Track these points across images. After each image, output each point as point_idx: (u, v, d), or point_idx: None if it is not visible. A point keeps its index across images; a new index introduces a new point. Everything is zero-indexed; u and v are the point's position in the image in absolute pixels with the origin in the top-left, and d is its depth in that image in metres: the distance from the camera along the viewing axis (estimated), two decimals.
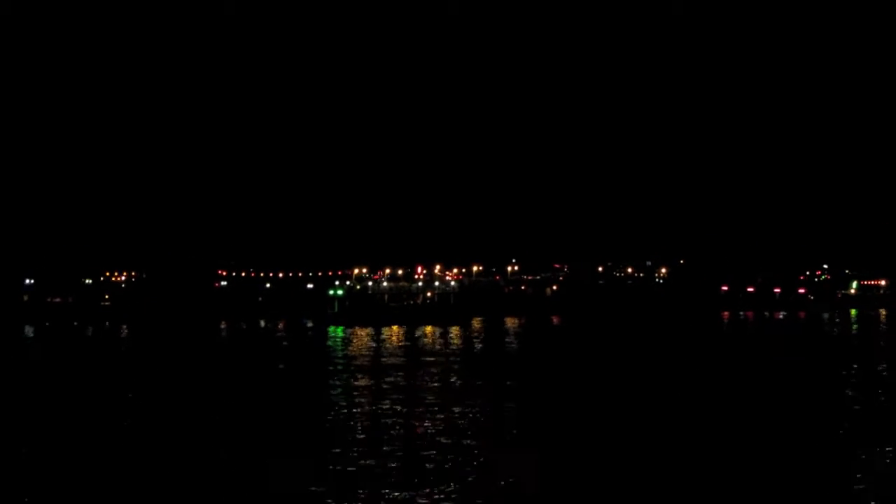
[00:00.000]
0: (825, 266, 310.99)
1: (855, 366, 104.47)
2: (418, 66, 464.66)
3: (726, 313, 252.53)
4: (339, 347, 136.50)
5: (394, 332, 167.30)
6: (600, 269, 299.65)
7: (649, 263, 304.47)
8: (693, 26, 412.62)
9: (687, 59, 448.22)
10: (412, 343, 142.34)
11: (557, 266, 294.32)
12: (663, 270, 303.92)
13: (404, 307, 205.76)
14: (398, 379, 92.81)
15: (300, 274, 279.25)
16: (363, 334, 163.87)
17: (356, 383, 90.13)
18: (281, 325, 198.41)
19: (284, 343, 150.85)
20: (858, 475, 49.05)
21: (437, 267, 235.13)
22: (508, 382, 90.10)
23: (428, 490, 46.27)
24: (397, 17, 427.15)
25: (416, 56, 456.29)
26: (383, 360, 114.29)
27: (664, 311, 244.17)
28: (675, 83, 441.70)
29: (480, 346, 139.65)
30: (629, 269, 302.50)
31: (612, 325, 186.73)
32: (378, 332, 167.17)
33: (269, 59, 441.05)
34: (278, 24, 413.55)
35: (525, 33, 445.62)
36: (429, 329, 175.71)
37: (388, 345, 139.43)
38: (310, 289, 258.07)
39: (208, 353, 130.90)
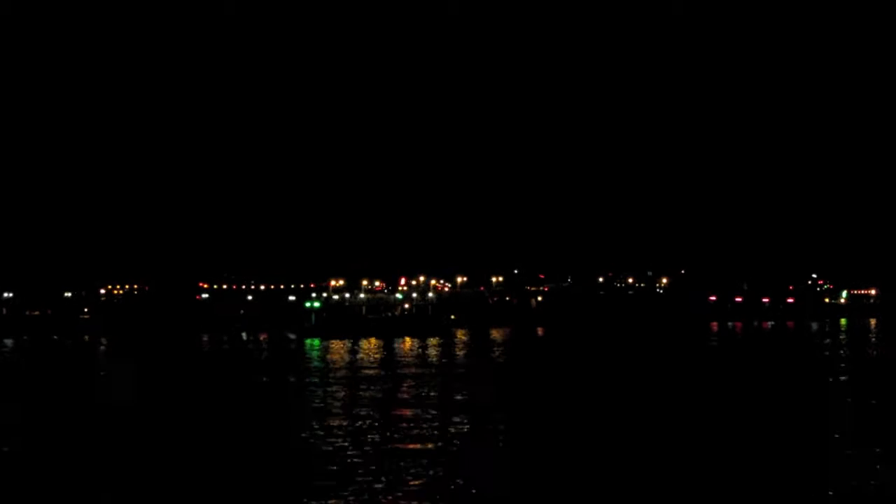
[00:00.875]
0: (814, 275, 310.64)
1: (844, 377, 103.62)
2: (418, 66, 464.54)
3: (714, 323, 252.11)
4: (315, 360, 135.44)
5: (371, 345, 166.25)
6: (601, 279, 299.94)
7: (650, 273, 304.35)
8: (693, 26, 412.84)
9: (687, 59, 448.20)
10: (389, 355, 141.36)
11: (542, 276, 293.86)
12: (664, 280, 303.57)
13: (382, 319, 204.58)
14: (374, 392, 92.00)
15: (282, 286, 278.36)
16: (340, 347, 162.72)
17: (330, 396, 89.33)
18: (263, 338, 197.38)
19: (261, 356, 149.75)
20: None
21: (421, 278, 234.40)
22: (482, 394, 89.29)
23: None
24: (397, 17, 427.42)
25: (416, 56, 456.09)
26: (360, 372, 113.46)
27: (651, 321, 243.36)
28: (675, 85, 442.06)
29: (461, 358, 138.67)
30: (630, 280, 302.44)
31: (595, 337, 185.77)
32: (355, 345, 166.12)
33: (269, 59, 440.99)
34: (278, 24, 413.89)
35: (525, 33, 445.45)
36: (407, 341, 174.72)
37: (364, 357, 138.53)
38: (292, 301, 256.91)
39: (184, 367, 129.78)
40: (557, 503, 46.42)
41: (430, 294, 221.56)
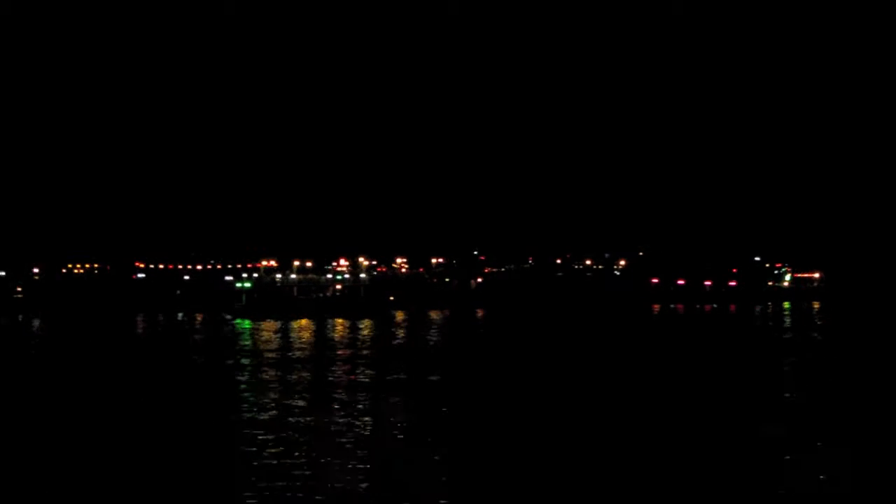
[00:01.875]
0: (757, 258, 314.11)
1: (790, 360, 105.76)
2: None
3: (656, 306, 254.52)
4: (247, 341, 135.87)
5: (302, 326, 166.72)
6: (559, 260, 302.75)
7: (607, 255, 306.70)
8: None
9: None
10: (320, 337, 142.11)
11: (483, 258, 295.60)
12: (622, 262, 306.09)
13: (313, 300, 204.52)
14: (304, 375, 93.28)
15: (219, 266, 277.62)
16: (269, 328, 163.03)
17: (262, 377, 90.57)
18: (199, 318, 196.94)
19: (195, 337, 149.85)
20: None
21: (361, 259, 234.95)
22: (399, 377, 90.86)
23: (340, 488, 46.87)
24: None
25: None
26: (290, 354, 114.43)
27: (592, 304, 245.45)
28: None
29: (390, 339, 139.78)
30: (588, 261, 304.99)
31: (533, 319, 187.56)
32: (286, 326, 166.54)
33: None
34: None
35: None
36: (339, 322, 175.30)
37: (295, 339, 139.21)
38: (228, 281, 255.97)
39: (108, 348, 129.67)
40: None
41: (363, 275, 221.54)
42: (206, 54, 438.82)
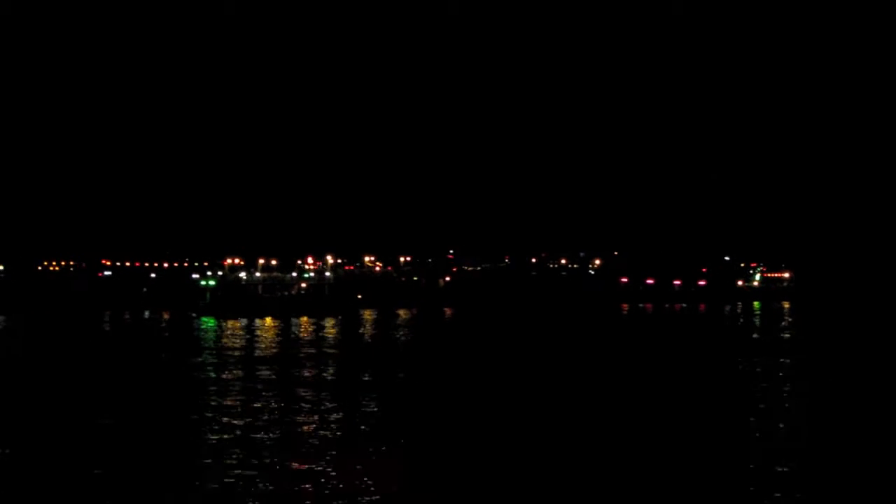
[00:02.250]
0: (727, 258, 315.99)
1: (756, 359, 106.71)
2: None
3: (625, 305, 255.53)
4: (210, 339, 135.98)
5: (267, 325, 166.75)
6: (534, 259, 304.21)
7: (582, 254, 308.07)
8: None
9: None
10: (284, 335, 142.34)
11: (451, 256, 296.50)
12: (597, 261, 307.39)
13: (278, 298, 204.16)
14: (266, 373, 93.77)
15: (186, 264, 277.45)
16: (235, 326, 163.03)
17: (224, 376, 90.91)
18: (166, 316, 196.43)
19: (160, 334, 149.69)
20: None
21: (328, 258, 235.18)
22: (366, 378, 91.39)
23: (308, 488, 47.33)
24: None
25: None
26: (253, 352, 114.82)
27: (562, 303, 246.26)
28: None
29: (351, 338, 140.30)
30: (563, 260, 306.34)
31: (500, 318, 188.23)
32: (251, 324, 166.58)
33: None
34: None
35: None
36: (304, 321, 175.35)
37: (259, 337, 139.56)
38: (195, 279, 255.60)
39: (74, 345, 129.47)
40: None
41: (328, 273, 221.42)
42: (194, 54, 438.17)
